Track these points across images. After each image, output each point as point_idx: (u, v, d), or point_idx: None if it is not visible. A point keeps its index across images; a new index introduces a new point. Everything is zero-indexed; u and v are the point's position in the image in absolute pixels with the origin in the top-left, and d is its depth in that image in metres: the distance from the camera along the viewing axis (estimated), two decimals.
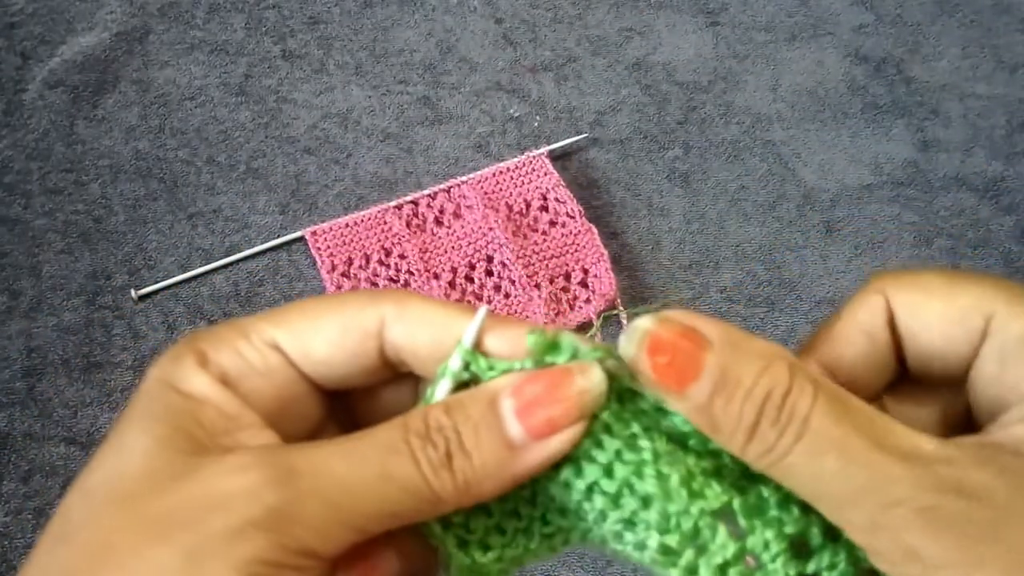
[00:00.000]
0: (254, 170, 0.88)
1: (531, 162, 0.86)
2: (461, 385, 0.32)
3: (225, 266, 0.83)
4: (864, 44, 0.96)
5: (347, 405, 0.36)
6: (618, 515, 0.31)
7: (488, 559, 0.32)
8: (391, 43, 0.96)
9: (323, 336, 0.32)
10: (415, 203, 0.85)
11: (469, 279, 0.81)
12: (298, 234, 0.83)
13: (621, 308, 0.79)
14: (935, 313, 0.32)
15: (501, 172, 0.86)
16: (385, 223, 0.83)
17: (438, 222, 0.84)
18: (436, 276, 0.81)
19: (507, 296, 0.80)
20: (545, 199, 0.85)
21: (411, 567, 0.32)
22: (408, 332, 0.32)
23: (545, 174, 0.85)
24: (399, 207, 0.84)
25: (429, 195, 0.85)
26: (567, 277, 0.81)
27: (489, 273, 0.81)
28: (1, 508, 0.72)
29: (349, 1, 0.98)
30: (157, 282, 0.81)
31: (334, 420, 0.36)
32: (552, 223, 0.84)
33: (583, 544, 0.34)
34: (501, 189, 0.85)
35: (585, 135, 0.89)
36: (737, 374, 0.29)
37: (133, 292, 0.81)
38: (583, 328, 0.79)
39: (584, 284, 0.81)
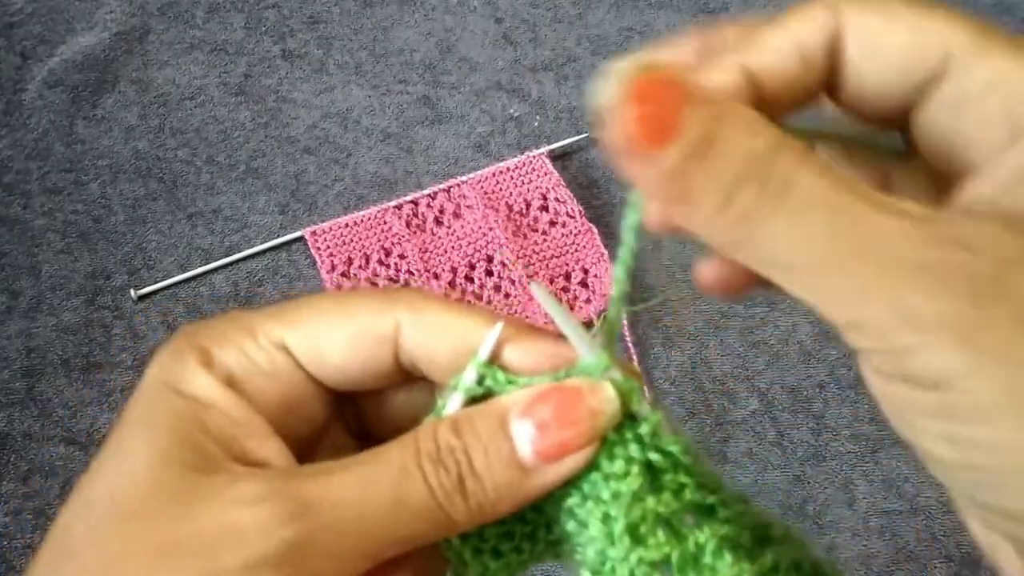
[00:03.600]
0: (254, 170, 0.88)
1: (531, 162, 0.86)
2: (475, 398, 0.31)
3: (225, 266, 0.83)
4: None
5: (355, 404, 0.35)
6: (576, 541, 0.31)
7: (498, 565, 0.32)
8: (391, 43, 0.96)
9: (335, 340, 0.31)
10: (415, 203, 0.84)
11: (469, 279, 0.81)
12: (298, 234, 0.83)
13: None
14: (895, 42, 0.28)
15: (501, 172, 0.85)
16: (385, 223, 0.83)
17: (438, 222, 0.84)
18: (436, 276, 0.81)
19: (507, 296, 0.80)
20: (545, 199, 0.85)
21: None
22: (425, 341, 0.31)
23: (545, 174, 0.85)
24: (399, 207, 0.84)
25: (429, 195, 0.85)
26: (567, 277, 0.81)
27: (489, 273, 0.81)
28: (1, 508, 0.72)
29: (349, 1, 0.98)
30: (157, 282, 0.81)
31: (341, 420, 0.35)
32: (552, 223, 0.83)
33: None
34: (501, 189, 0.85)
35: (585, 135, 0.89)
36: (720, 130, 0.25)
37: (133, 292, 0.81)
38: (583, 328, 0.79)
39: (584, 284, 0.81)
